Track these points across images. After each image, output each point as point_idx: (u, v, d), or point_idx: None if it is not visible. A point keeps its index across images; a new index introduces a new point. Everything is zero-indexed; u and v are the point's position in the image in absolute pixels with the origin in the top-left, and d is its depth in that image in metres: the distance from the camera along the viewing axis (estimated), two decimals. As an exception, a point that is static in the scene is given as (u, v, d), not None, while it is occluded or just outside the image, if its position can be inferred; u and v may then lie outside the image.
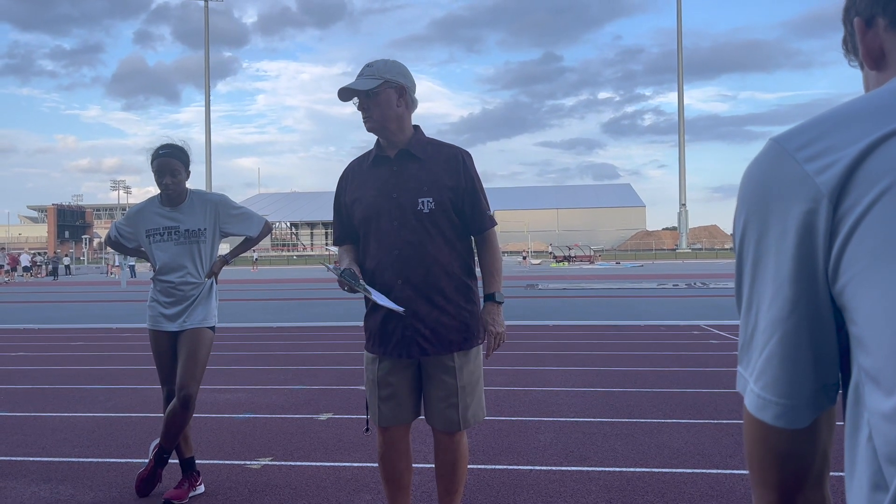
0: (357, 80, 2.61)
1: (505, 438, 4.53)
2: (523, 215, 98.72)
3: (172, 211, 3.62)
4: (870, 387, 0.63)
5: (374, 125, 2.62)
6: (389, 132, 2.64)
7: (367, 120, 2.62)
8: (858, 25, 0.76)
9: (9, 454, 4.38)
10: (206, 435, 4.72)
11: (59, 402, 5.89)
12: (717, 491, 3.53)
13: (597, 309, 14.40)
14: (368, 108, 2.60)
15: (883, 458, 0.61)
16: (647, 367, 7.09)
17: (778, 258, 0.69)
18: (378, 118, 2.60)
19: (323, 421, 5.08)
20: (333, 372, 7.11)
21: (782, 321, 0.69)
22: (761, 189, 0.71)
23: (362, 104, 2.61)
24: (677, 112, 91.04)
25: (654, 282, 24.89)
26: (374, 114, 2.60)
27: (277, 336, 10.35)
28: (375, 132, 2.65)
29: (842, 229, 0.65)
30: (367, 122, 2.63)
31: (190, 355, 3.52)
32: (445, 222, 2.63)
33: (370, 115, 2.60)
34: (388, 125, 2.62)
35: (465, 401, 2.66)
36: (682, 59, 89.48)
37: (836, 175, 0.65)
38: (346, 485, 3.71)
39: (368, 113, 2.60)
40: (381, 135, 2.66)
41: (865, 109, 0.67)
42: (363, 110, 2.62)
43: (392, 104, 2.61)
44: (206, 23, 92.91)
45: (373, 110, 2.60)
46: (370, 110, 2.60)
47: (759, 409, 0.73)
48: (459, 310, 2.66)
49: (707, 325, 10.89)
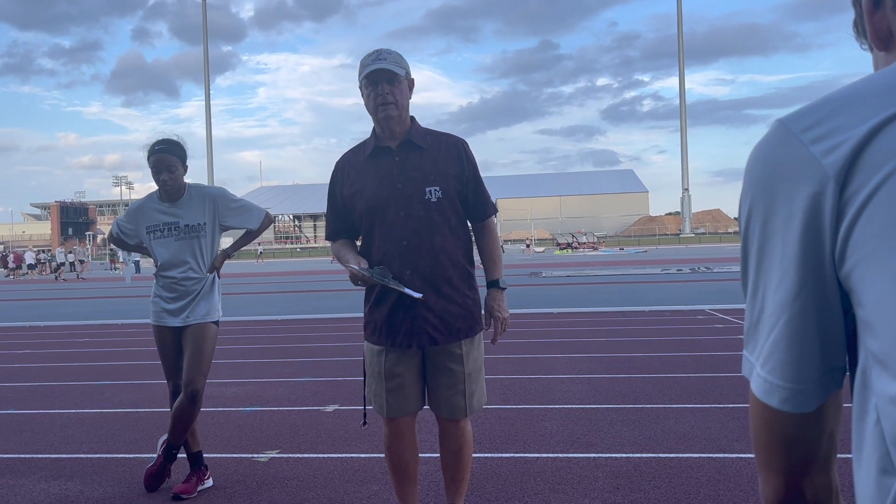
0: (384, 63, 2.56)
1: (511, 426, 4.53)
2: (526, 203, 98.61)
3: (172, 206, 3.61)
4: (877, 370, 0.63)
5: (397, 112, 2.59)
6: (402, 121, 2.63)
7: (390, 105, 2.57)
8: (867, 6, 0.76)
9: (18, 451, 4.40)
10: (212, 429, 4.74)
11: (66, 398, 5.92)
12: (723, 475, 3.53)
13: (601, 296, 14.40)
14: (393, 94, 2.58)
15: (891, 442, 0.61)
16: (652, 353, 7.09)
17: (784, 241, 0.69)
18: (401, 104, 2.60)
19: (329, 413, 5.10)
20: (339, 364, 7.12)
21: (789, 304, 0.69)
22: (767, 171, 0.70)
23: (386, 89, 2.56)
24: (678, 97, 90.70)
25: (658, 267, 24.87)
26: (398, 100, 2.59)
27: (283, 329, 10.37)
28: (392, 120, 2.60)
29: (848, 211, 0.64)
30: (388, 108, 2.57)
31: (195, 350, 3.53)
32: (451, 211, 2.64)
33: (395, 101, 2.58)
34: (403, 113, 2.62)
35: (470, 387, 2.68)
36: (682, 42, 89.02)
37: (843, 156, 0.64)
38: (354, 476, 3.72)
39: (392, 98, 2.57)
40: (393, 123, 2.62)
41: (872, 90, 0.66)
42: (385, 95, 2.56)
43: (406, 93, 2.63)
44: (204, 14, 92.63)
45: (397, 96, 2.59)
46: (394, 96, 2.58)
47: (765, 393, 0.72)
48: (465, 298, 2.67)
49: (712, 309, 10.88)
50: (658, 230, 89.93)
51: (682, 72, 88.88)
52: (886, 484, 0.61)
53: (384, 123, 2.61)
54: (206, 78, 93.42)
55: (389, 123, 2.61)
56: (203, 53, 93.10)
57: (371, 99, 2.58)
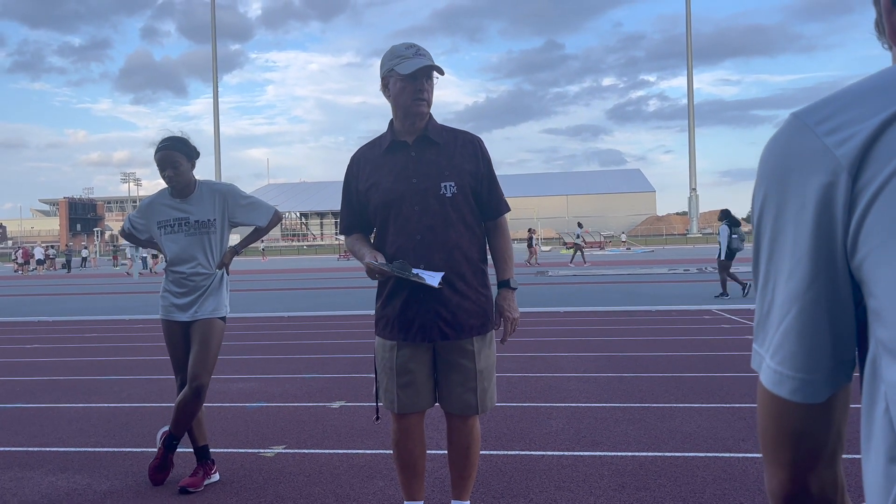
0: (428, 59, 2.57)
1: (517, 424, 4.54)
2: (532, 202, 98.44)
3: (182, 202, 3.64)
4: (887, 360, 0.63)
5: (427, 109, 2.62)
6: (426, 117, 2.65)
7: (423, 102, 2.59)
8: (886, 5, 0.76)
9: (26, 445, 4.43)
10: (219, 424, 4.76)
11: (74, 393, 5.95)
12: (729, 475, 3.53)
13: (607, 295, 14.38)
14: (427, 90, 2.60)
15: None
16: (658, 352, 7.08)
17: (796, 232, 0.69)
18: (430, 102, 2.63)
19: (336, 409, 5.11)
20: (345, 360, 7.14)
21: (801, 295, 0.69)
22: (781, 163, 0.71)
23: (423, 85, 2.58)
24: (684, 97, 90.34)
25: (664, 267, 24.80)
26: (430, 96, 2.62)
27: (289, 325, 10.40)
28: (422, 116, 2.62)
29: (860, 202, 0.64)
30: (422, 104, 2.59)
31: (202, 346, 3.55)
32: (466, 207, 2.64)
33: (428, 98, 2.61)
34: (428, 110, 2.65)
35: (482, 384, 2.68)
36: (690, 42, 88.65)
37: (856, 147, 0.65)
38: (360, 472, 3.73)
39: (427, 94, 2.60)
40: (420, 119, 2.63)
41: (885, 84, 0.67)
42: (421, 91, 2.58)
43: (433, 91, 2.65)
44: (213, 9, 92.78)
45: (429, 93, 2.61)
46: (428, 93, 2.61)
47: (775, 384, 0.72)
48: (478, 294, 2.67)
49: (718, 309, 10.85)
50: (665, 230, 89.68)
51: (690, 72, 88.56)
52: (894, 472, 0.62)
53: (414, 118, 2.62)
54: (214, 74, 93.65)
55: (418, 119, 2.62)
56: (212, 51, 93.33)
57: (407, 92, 2.57)
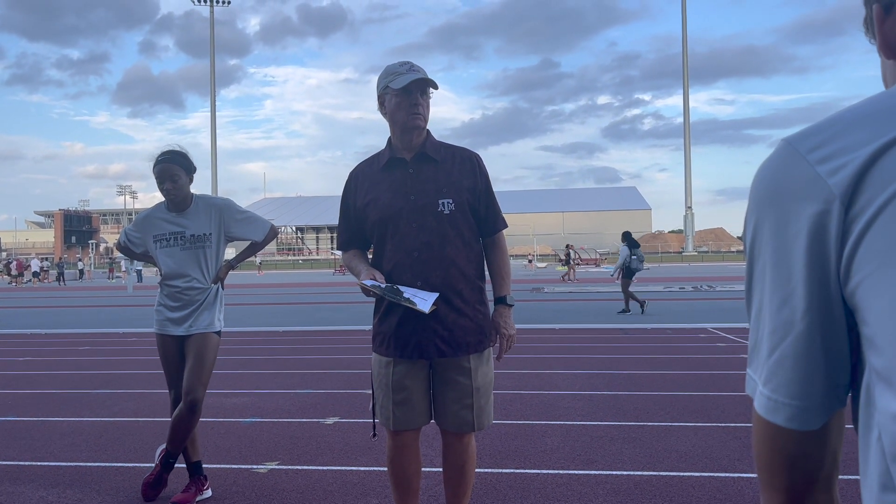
0: (422, 74, 2.59)
1: (512, 442, 4.52)
2: (529, 219, 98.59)
3: (178, 216, 3.64)
4: (881, 387, 0.63)
5: (424, 123, 2.63)
6: (423, 132, 2.66)
7: (419, 116, 2.60)
8: (877, 12, 0.75)
9: (17, 459, 4.39)
10: (212, 439, 4.73)
11: (66, 406, 5.91)
12: (724, 494, 3.52)
13: (603, 312, 14.37)
14: (422, 105, 2.61)
15: (891, 458, 0.61)
16: (654, 371, 7.07)
17: (790, 260, 0.69)
18: (427, 117, 2.64)
19: (329, 425, 5.08)
20: (340, 376, 7.11)
21: (795, 323, 0.69)
22: (773, 190, 0.71)
23: (417, 100, 2.59)
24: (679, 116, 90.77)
25: (660, 285, 24.82)
26: (426, 111, 2.63)
27: (283, 340, 10.35)
28: (419, 131, 2.63)
29: (853, 230, 0.64)
30: (417, 118, 2.60)
31: (196, 360, 3.54)
32: (463, 224, 2.64)
33: (424, 113, 2.62)
34: (425, 125, 2.66)
35: (479, 402, 2.66)
36: (686, 62, 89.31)
37: (848, 177, 0.65)
38: (353, 489, 3.71)
39: (423, 109, 2.61)
40: (413, 134, 2.64)
41: (877, 111, 0.67)
42: (416, 105, 2.59)
43: (428, 106, 2.66)
44: (212, 25, 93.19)
45: (425, 108, 2.62)
46: (423, 107, 2.62)
47: (770, 411, 0.72)
48: (475, 312, 2.67)
49: (714, 328, 10.85)
50: (661, 247, 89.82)
51: (686, 92, 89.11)
52: (887, 500, 0.62)
53: (411, 133, 2.62)
54: (212, 87, 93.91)
55: (415, 135, 2.63)
56: (210, 65, 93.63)
57: (403, 108, 2.58)
